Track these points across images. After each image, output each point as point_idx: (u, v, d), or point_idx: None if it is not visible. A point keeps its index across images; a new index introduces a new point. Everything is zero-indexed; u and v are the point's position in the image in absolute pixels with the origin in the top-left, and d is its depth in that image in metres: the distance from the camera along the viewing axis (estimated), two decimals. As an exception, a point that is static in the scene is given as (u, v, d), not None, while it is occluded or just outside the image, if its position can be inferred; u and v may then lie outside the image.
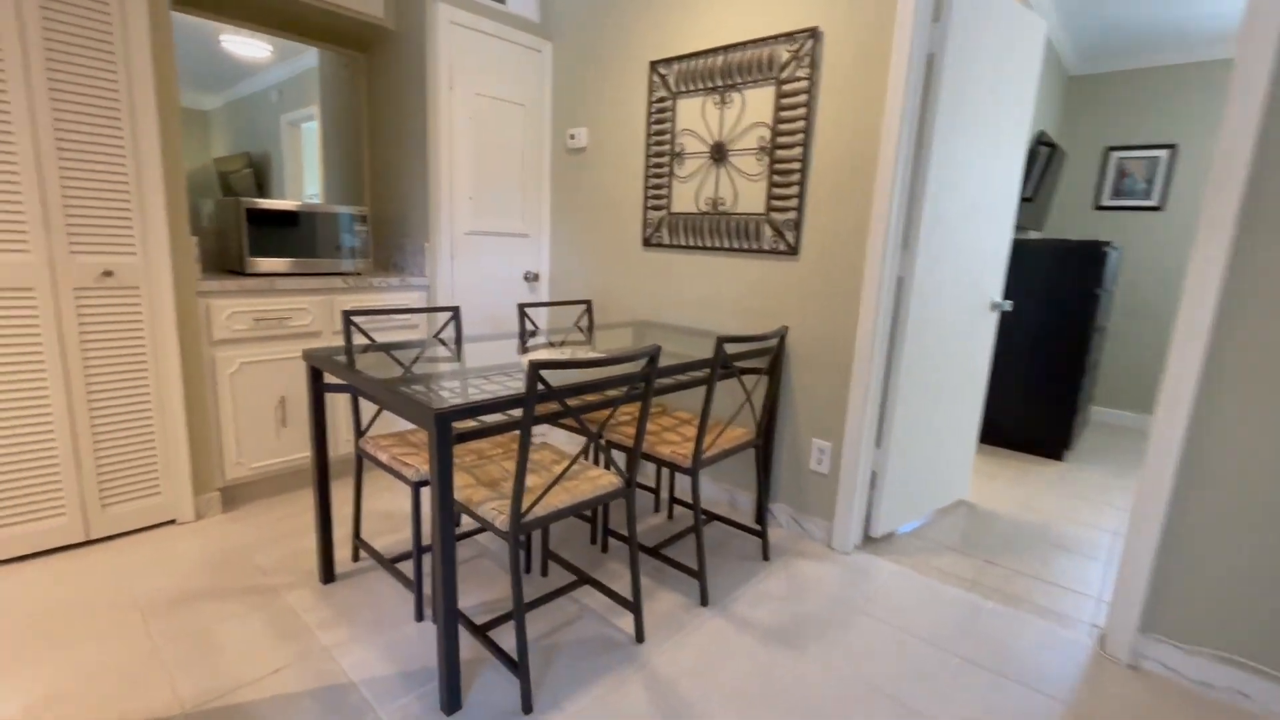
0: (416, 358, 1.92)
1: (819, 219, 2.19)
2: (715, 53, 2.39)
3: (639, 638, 1.69)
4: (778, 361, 2.08)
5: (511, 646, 1.62)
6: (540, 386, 1.32)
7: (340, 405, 2.59)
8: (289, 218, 2.44)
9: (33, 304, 1.83)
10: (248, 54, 2.74)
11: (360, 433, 1.91)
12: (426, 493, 2.44)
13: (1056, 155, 3.82)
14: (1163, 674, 1.64)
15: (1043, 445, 3.43)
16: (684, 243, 2.60)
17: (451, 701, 1.40)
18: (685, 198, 2.58)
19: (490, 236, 2.96)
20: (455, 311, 2.19)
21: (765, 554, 2.17)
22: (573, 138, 2.97)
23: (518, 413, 1.43)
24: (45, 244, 1.83)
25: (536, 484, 1.59)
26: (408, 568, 1.99)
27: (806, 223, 2.22)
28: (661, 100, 2.60)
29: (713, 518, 2.34)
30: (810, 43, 2.12)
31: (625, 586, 1.93)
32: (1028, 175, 3.52)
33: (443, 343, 2.13)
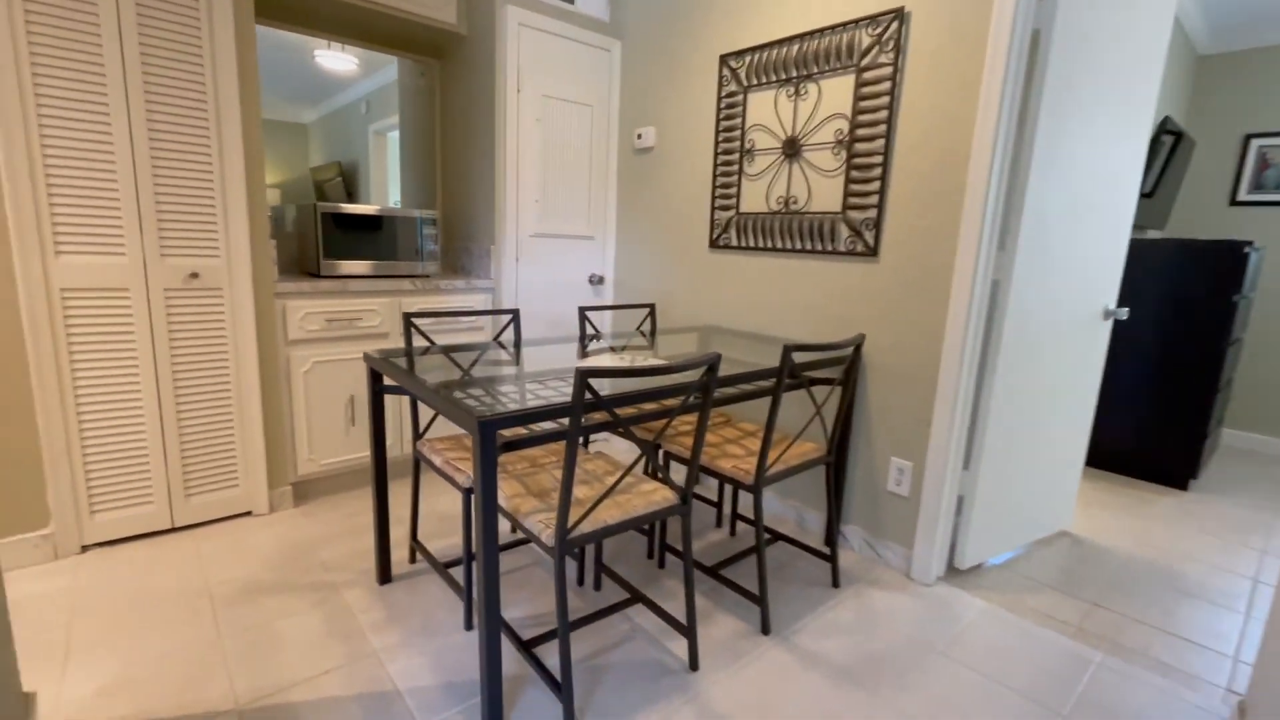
0: (475, 361, 1.90)
1: (902, 217, 2.00)
2: (790, 42, 2.25)
3: (693, 665, 1.58)
4: (852, 372, 1.91)
5: (557, 665, 1.55)
6: (588, 395, 1.24)
7: (404, 407, 2.63)
8: (362, 221, 2.50)
9: (127, 304, 1.95)
10: (338, 68, 2.86)
11: (419, 435, 1.91)
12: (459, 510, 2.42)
13: (1183, 145, 3.39)
14: (1326, 760, 1.36)
15: (1163, 471, 3.04)
16: (752, 244, 2.47)
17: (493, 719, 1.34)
18: (755, 197, 2.44)
19: (555, 239, 2.93)
20: (515, 314, 2.17)
21: (835, 580, 2.00)
22: (640, 138, 2.90)
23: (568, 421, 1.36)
24: (139, 247, 1.95)
25: (587, 496, 1.51)
26: (460, 574, 1.97)
27: (887, 221, 2.04)
28: (731, 95, 2.48)
29: (777, 537, 2.19)
30: (895, 25, 1.95)
31: (681, 607, 1.82)
32: (1148, 167, 3.13)
33: (502, 346, 2.11)
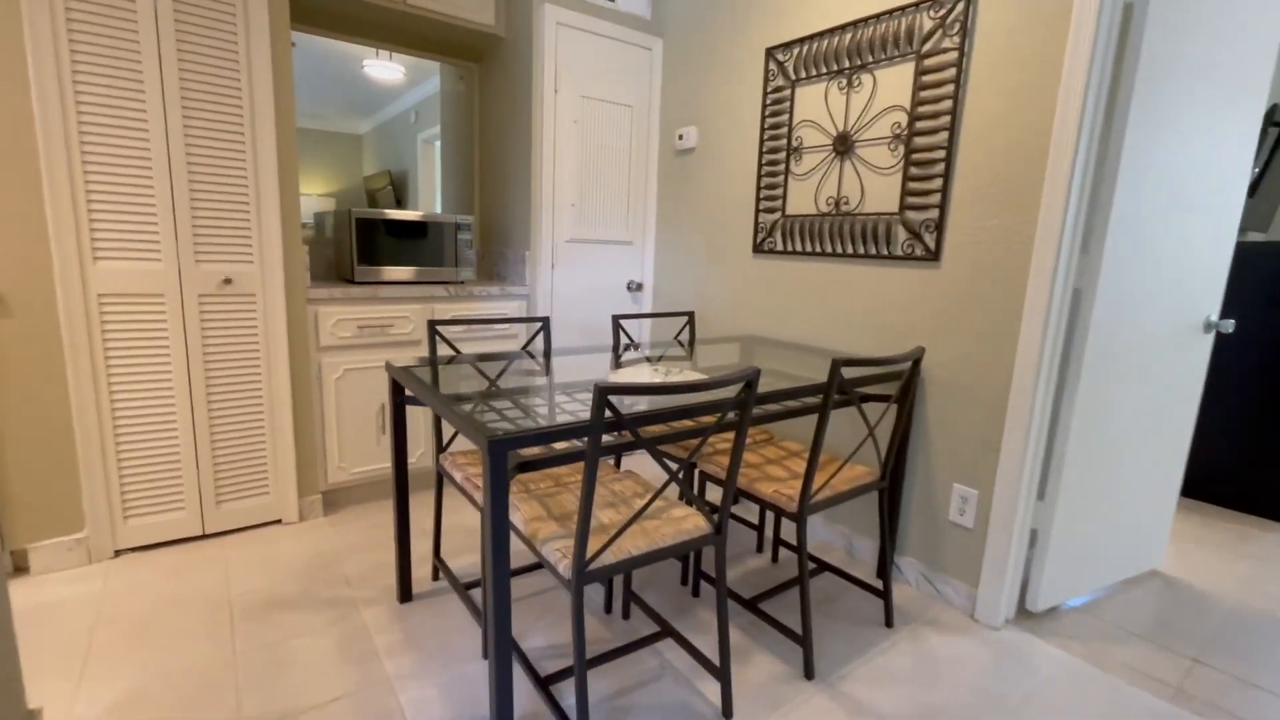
0: (501, 371, 1.81)
1: (967, 218, 1.81)
2: (842, 30, 2.08)
3: (725, 712, 1.43)
4: (910, 389, 1.73)
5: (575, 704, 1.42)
6: (609, 414, 1.12)
7: (428, 417, 2.57)
8: (397, 227, 2.46)
9: (162, 309, 1.95)
10: (385, 77, 2.87)
11: (441, 448, 1.83)
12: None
13: (1293, 136, 3.02)
14: None
15: (1268, 504, 2.68)
16: (799, 248, 2.30)
17: (503, 767, 1.23)
18: (803, 198, 2.28)
19: (592, 244, 2.84)
20: (545, 323, 2.07)
21: (888, 619, 1.80)
22: (681, 138, 2.78)
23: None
24: (174, 253, 1.94)
25: (612, 521, 1.39)
26: (480, 596, 1.87)
27: (950, 222, 1.85)
28: (778, 90, 2.33)
29: (823, 567, 2.01)
30: (961, 6, 1.76)
31: (715, 643, 1.67)
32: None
33: (530, 355, 2.02)
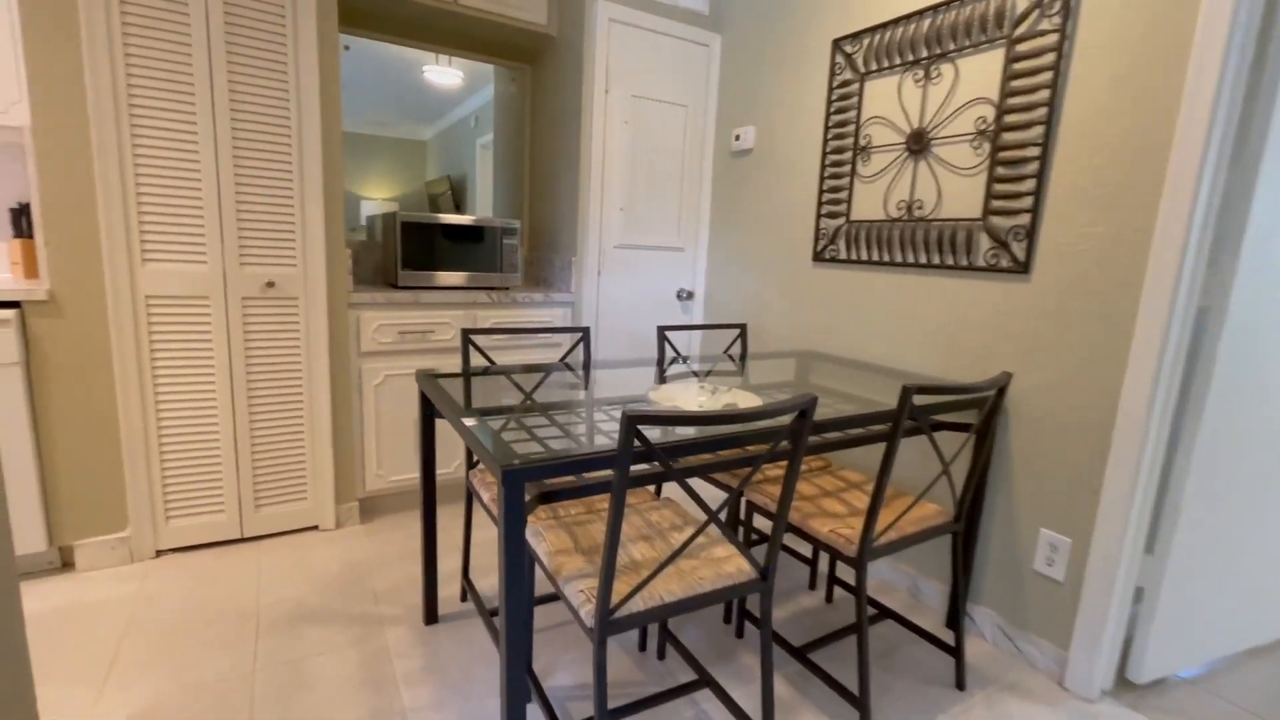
0: (538, 384, 1.70)
1: (1064, 223, 1.57)
2: (919, 16, 1.88)
3: (768, 782, 1.26)
4: (992, 419, 1.51)
5: (602, 759, 1.29)
6: (638, 444, 0.98)
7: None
8: (442, 231, 2.41)
9: (207, 312, 1.95)
10: (445, 82, 2.87)
11: (472, 463, 1.74)
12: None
13: None
14: None
15: None
16: (865, 257, 2.10)
17: (514, 831, 1.10)
18: (870, 201, 2.08)
19: (641, 250, 2.71)
20: (584, 333, 1.95)
21: (959, 680, 1.58)
22: (738, 139, 2.62)
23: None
24: (220, 255, 1.94)
25: (645, 558, 1.25)
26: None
27: (1044, 229, 1.62)
28: (845, 85, 2.14)
29: (884, 613, 1.80)
30: (1064, -19, 1.54)
31: (758, 694, 1.50)
32: None
33: (569, 367, 1.90)
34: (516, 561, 1.03)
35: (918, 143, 1.91)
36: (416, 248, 2.37)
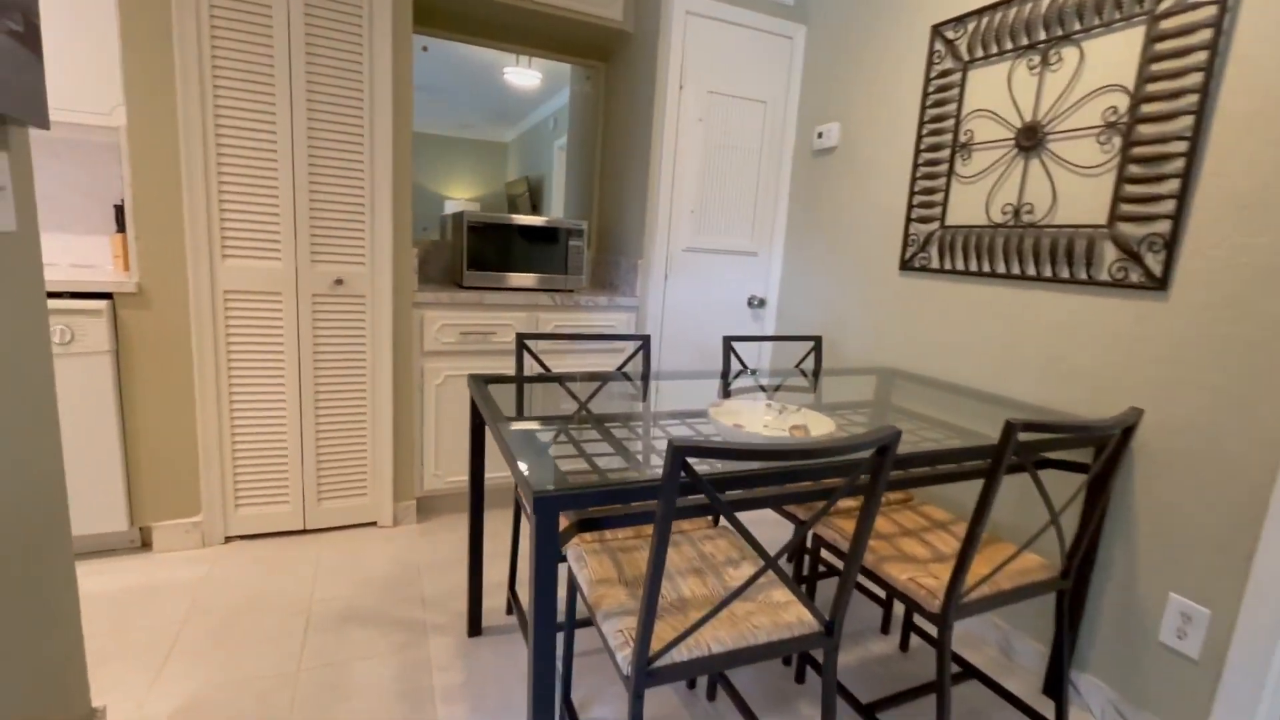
0: (593, 394, 1.61)
1: (1215, 232, 1.31)
2: (1038, -6, 1.65)
3: None
4: (1115, 462, 1.28)
5: (639, 812, 1.17)
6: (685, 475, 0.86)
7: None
8: (508, 232, 2.38)
9: (279, 307, 1.99)
10: (524, 83, 2.88)
11: (521, 473, 1.67)
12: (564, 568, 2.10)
13: None
14: None
15: None
16: (962, 266, 1.88)
17: None
18: (969, 204, 1.86)
19: (712, 254, 2.58)
20: (644, 341, 1.85)
21: (1060, 762, 1.36)
22: (820, 136, 2.44)
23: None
24: (293, 253, 1.98)
25: (695, 596, 1.12)
26: (556, 639, 1.68)
27: (1188, 240, 1.36)
28: (945, 75, 1.93)
29: (969, 672, 1.58)
30: (1228, -58, 1.28)
31: (819, 754, 1.34)
32: None
33: (626, 377, 1.80)
34: (547, 599, 0.94)
35: (1030, 138, 1.68)
36: (482, 248, 2.35)
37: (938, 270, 1.96)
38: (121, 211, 2.08)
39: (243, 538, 2.10)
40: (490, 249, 2.37)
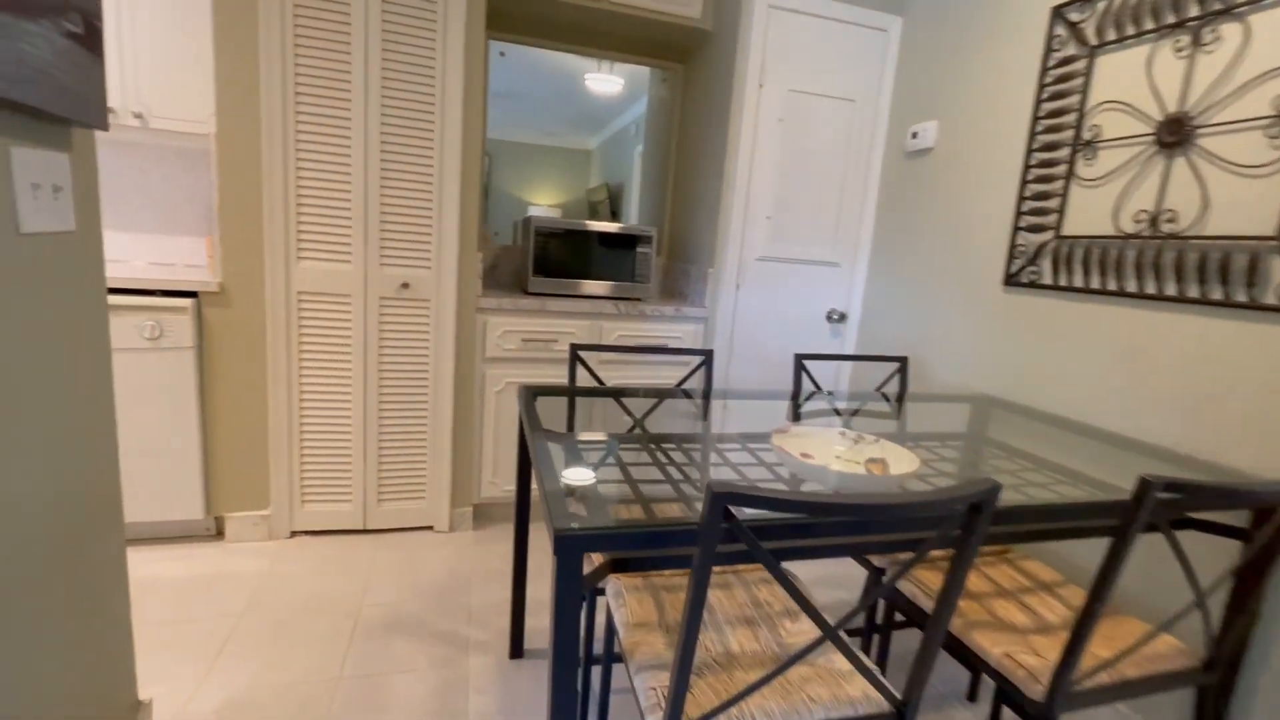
0: (648, 412, 1.51)
1: None
2: (1190, -38, 1.39)
3: None
4: (1280, 527, 1.03)
5: None
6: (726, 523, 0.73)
7: (595, 440, 2.38)
8: (575, 238, 2.32)
9: (348, 309, 2.02)
10: (605, 89, 2.85)
11: (570, 491, 1.58)
12: (603, 600, 1.89)
13: None
14: None
15: None
16: (1081, 283, 1.62)
17: None
18: (1093, 211, 1.60)
19: (788, 264, 2.41)
20: (707, 357, 1.72)
21: None
22: (914, 136, 2.22)
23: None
24: (363, 256, 2.00)
25: (744, 650, 0.99)
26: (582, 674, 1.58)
27: (1398, 255, 1.08)
28: (1066, 63, 1.68)
29: (1079, 763, 1.34)
30: None
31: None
32: None
33: (686, 395, 1.68)
34: (568, 644, 0.83)
35: (1174, 133, 1.42)
36: (548, 254, 2.31)
37: (1050, 286, 1.70)
38: (215, 214, 2.19)
39: (307, 533, 2.15)
40: (557, 255, 2.32)
